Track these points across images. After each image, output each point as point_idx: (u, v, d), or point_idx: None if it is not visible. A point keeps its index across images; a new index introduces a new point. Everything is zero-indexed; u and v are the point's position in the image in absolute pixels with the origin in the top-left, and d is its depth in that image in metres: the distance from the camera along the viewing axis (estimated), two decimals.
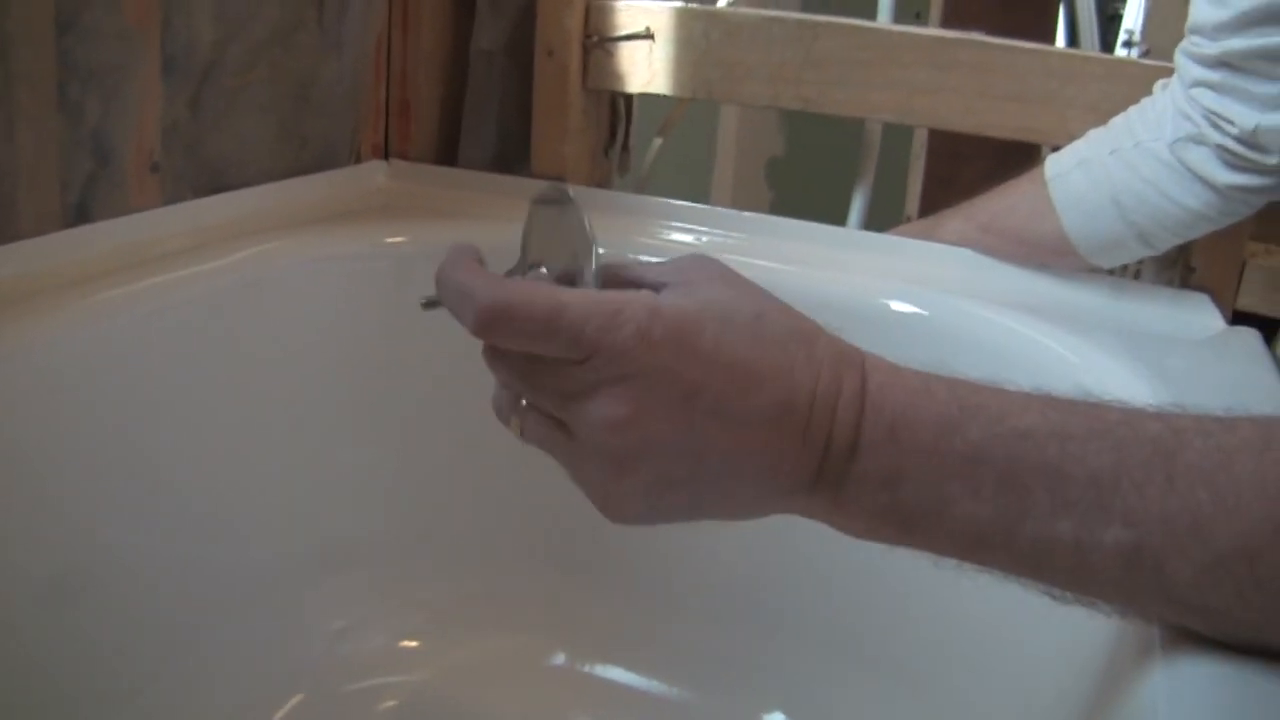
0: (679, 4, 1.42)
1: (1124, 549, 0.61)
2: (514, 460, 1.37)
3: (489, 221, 1.38)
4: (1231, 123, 1.06)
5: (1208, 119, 1.08)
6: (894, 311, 1.24)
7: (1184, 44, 1.11)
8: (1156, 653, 0.63)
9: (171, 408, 1.12)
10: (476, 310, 0.64)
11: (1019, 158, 1.24)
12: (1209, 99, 1.08)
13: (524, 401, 0.69)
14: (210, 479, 1.17)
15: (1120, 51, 1.92)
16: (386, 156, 1.52)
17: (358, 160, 1.48)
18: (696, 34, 1.41)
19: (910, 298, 1.24)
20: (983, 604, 0.96)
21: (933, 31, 1.36)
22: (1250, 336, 1.20)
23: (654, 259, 1.30)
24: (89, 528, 1.03)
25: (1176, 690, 0.60)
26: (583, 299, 0.64)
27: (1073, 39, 2.36)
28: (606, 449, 0.65)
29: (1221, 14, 1.04)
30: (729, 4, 1.53)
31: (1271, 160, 1.06)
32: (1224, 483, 0.59)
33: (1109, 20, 2.44)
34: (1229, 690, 0.59)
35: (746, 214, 1.38)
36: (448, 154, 1.56)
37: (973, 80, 1.31)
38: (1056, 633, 0.83)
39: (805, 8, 2.37)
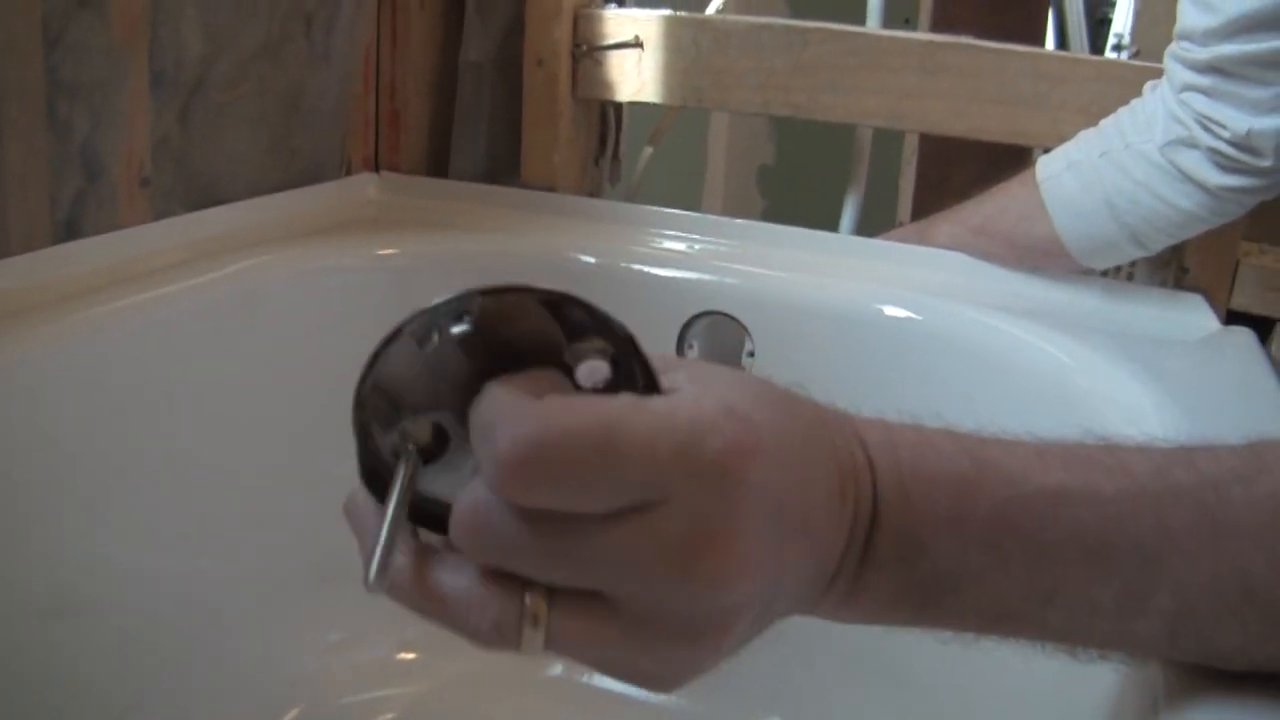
0: (668, 12, 1.42)
1: (1169, 619, 0.55)
2: None
3: (480, 233, 1.38)
4: (1224, 126, 1.06)
5: (1199, 123, 1.08)
6: (887, 316, 1.24)
7: (1173, 48, 1.11)
8: (1159, 684, 0.61)
9: (164, 422, 1.11)
10: (499, 451, 0.46)
11: (1010, 161, 1.24)
12: (1200, 103, 1.08)
13: (527, 601, 0.49)
14: (204, 493, 1.17)
15: (1110, 55, 1.92)
16: (377, 168, 1.52)
17: (348, 172, 1.47)
18: (685, 42, 1.41)
19: (903, 302, 1.24)
20: None
21: (922, 36, 1.36)
22: (1245, 336, 1.21)
23: (646, 268, 1.32)
24: (83, 543, 1.03)
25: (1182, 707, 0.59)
26: (633, 407, 0.47)
27: (1062, 43, 2.37)
28: (707, 616, 0.49)
29: (1211, 20, 1.04)
30: (717, 11, 1.52)
31: (1264, 163, 1.06)
32: (1274, 539, 0.54)
33: (1098, 24, 2.44)
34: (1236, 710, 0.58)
35: (738, 221, 1.38)
36: (438, 165, 1.56)
37: (962, 84, 1.31)
38: None
39: (794, 14, 2.38)
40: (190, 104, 1.21)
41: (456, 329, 0.53)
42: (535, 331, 0.52)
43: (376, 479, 0.55)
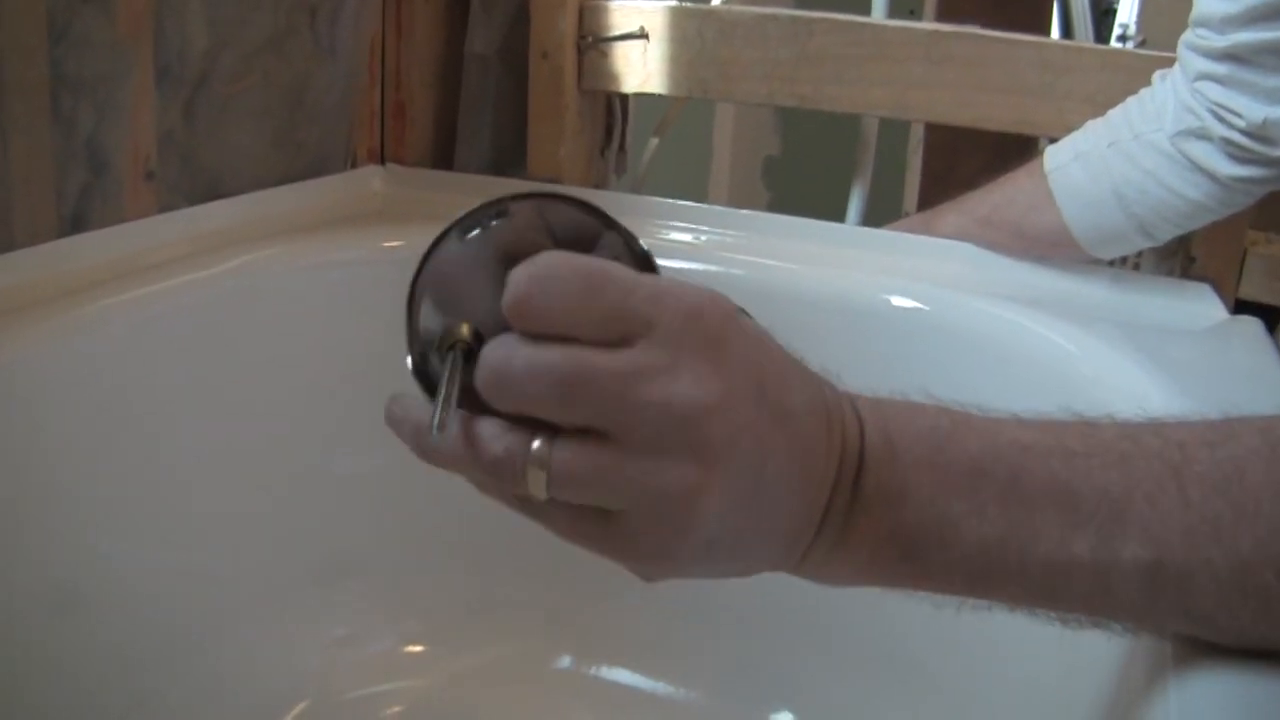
0: (673, 3, 1.42)
1: (1143, 566, 0.57)
2: None
3: None
4: (1239, 115, 1.05)
5: (1212, 112, 1.08)
6: (894, 307, 1.24)
7: (1188, 36, 1.10)
8: (1169, 661, 0.62)
9: (170, 416, 1.12)
10: (512, 280, 0.53)
11: (1016, 152, 1.24)
12: (1215, 92, 1.07)
13: (535, 444, 0.54)
14: (210, 487, 1.17)
15: (1115, 45, 1.92)
16: (383, 161, 1.52)
17: (353, 165, 1.47)
18: (691, 33, 1.40)
19: (910, 293, 1.24)
20: None
21: (927, 26, 1.36)
22: (1252, 325, 1.20)
23: (657, 260, 1.31)
24: (88, 538, 1.03)
25: (1189, 700, 0.59)
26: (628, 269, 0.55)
27: (1067, 34, 2.36)
28: (689, 443, 0.53)
29: (1229, 7, 1.03)
30: (723, 2, 1.52)
31: (1278, 152, 1.06)
32: (1239, 492, 0.57)
33: (1103, 14, 2.44)
34: (1242, 698, 0.58)
35: (744, 212, 1.38)
36: (444, 158, 1.56)
37: (968, 74, 1.30)
38: (1068, 633, 0.83)
39: (799, 4, 2.37)
40: (195, 97, 1.21)
41: (495, 223, 0.59)
42: (566, 228, 0.59)
43: (424, 373, 0.60)
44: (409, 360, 0.60)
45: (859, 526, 0.59)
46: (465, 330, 0.58)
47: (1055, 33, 2.38)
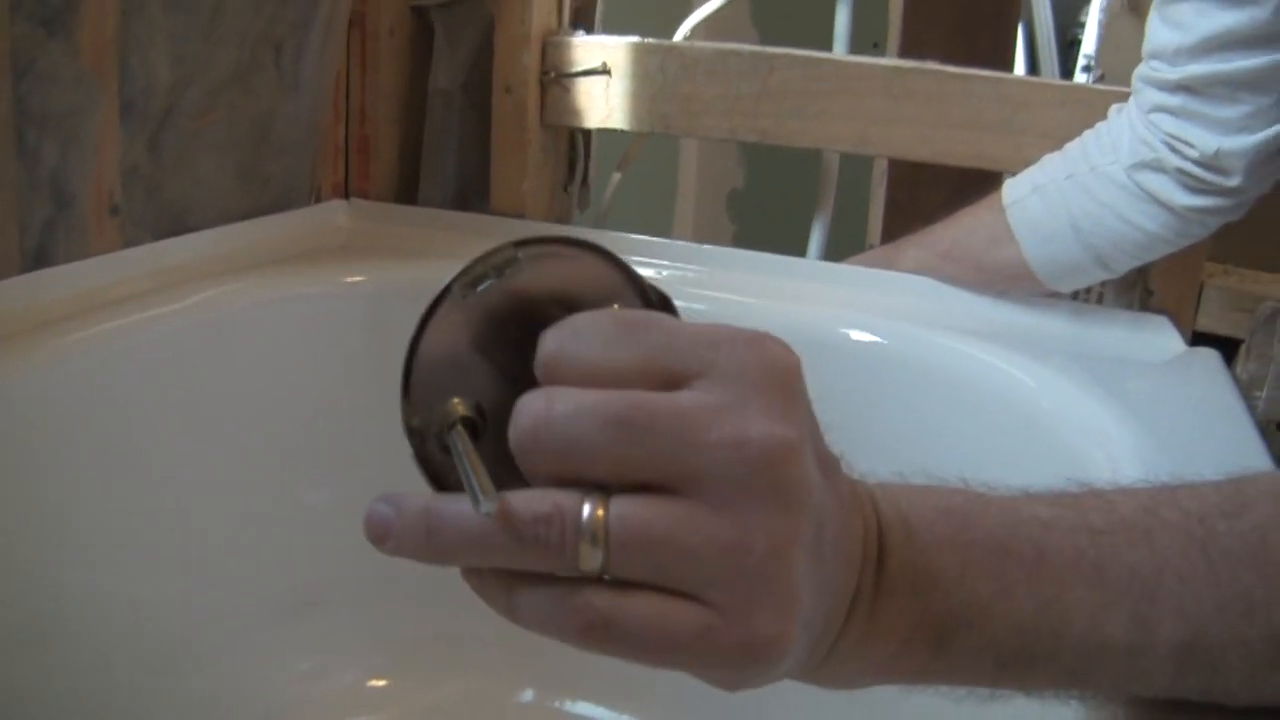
0: (635, 39, 1.43)
1: (1178, 646, 0.54)
2: None
3: (450, 259, 1.37)
4: (1192, 146, 1.06)
5: (1166, 143, 1.09)
6: (853, 341, 1.24)
7: (1142, 69, 1.11)
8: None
9: (134, 451, 1.11)
10: (545, 335, 0.49)
11: (980, 185, 1.25)
12: (1168, 124, 1.08)
13: (585, 509, 0.46)
14: (175, 522, 1.17)
15: (1080, 77, 1.94)
16: (347, 195, 1.52)
17: (318, 199, 1.48)
18: (653, 69, 1.41)
19: (868, 327, 1.25)
20: None
21: (888, 61, 1.37)
22: (1210, 357, 1.21)
23: None
24: (53, 573, 1.03)
25: None
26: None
27: (1033, 65, 2.38)
28: (772, 486, 0.46)
29: (1182, 39, 1.05)
30: (685, 37, 1.53)
31: (1232, 182, 1.07)
32: (1265, 564, 0.55)
33: (1068, 46, 2.45)
34: None
35: (706, 247, 1.38)
36: (408, 192, 1.57)
37: (928, 109, 1.31)
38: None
39: (762, 39, 2.39)
40: (160, 132, 1.21)
41: (498, 280, 0.53)
42: (578, 280, 0.53)
43: (427, 459, 0.54)
44: (410, 446, 0.54)
45: (887, 613, 0.53)
46: (463, 407, 0.52)
47: (1021, 63, 2.39)
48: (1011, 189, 1.21)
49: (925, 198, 1.80)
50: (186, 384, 1.17)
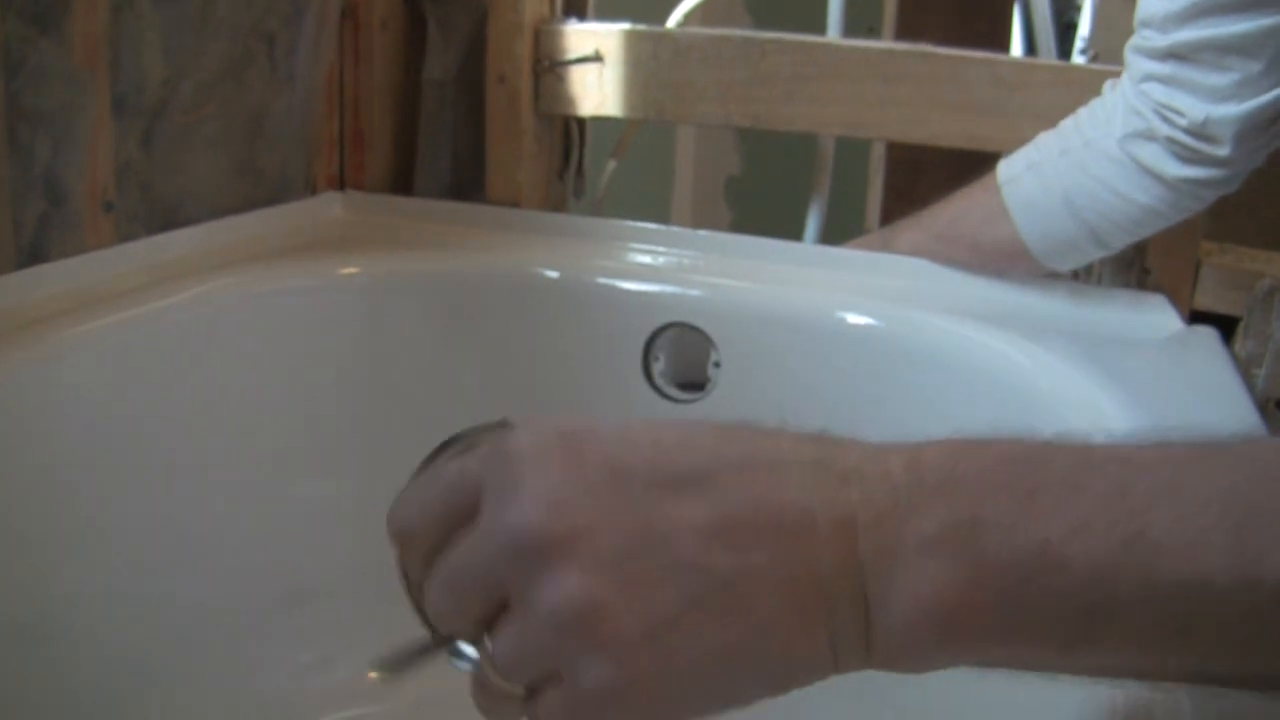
0: (628, 26, 1.43)
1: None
2: None
3: (446, 250, 1.38)
4: (1181, 114, 1.06)
5: (1157, 112, 1.09)
6: (849, 324, 1.24)
7: (1133, 40, 1.11)
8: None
9: (132, 446, 1.12)
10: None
11: (979, 166, 1.25)
12: (1158, 92, 1.08)
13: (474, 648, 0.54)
14: (174, 516, 1.17)
15: (1077, 59, 1.94)
16: (342, 187, 1.52)
17: (313, 192, 1.47)
18: (645, 55, 1.41)
19: (863, 309, 1.25)
20: None
21: (880, 44, 1.37)
22: (1208, 336, 1.21)
23: (610, 281, 1.32)
24: (53, 569, 1.03)
25: None
26: None
27: (1030, 48, 2.38)
28: (545, 551, 0.49)
29: (1170, 6, 1.05)
30: (678, 24, 1.53)
31: (1221, 151, 1.07)
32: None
33: (1065, 28, 2.45)
34: None
35: (701, 232, 1.38)
36: (403, 184, 1.57)
37: (921, 92, 1.32)
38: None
39: (756, 23, 2.38)
40: (153, 127, 1.21)
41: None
42: None
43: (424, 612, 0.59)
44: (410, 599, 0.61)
45: (928, 573, 0.49)
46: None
47: (1018, 45, 2.39)
48: (1006, 167, 1.21)
49: (924, 180, 1.80)
50: (183, 378, 1.17)
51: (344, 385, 1.31)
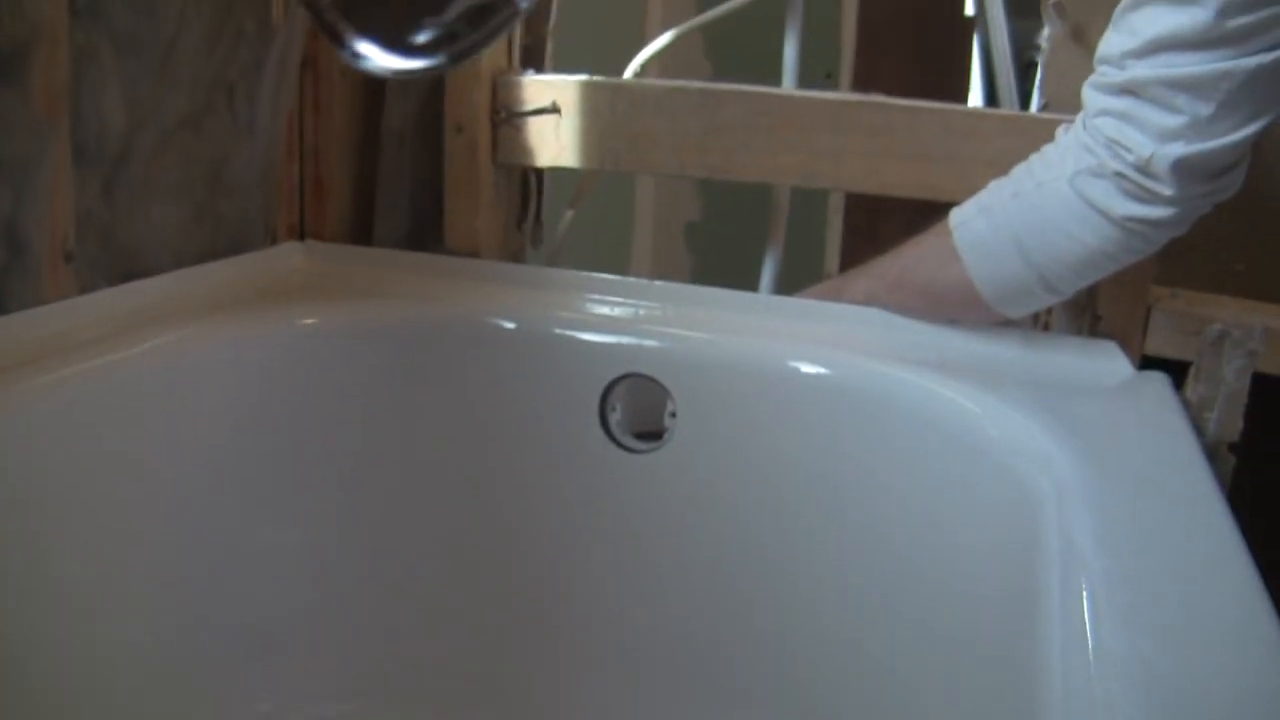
0: (584, 78, 1.44)
1: None
2: (442, 533, 1.38)
3: (405, 299, 1.39)
4: (1129, 150, 1.07)
5: (1108, 148, 1.09)
6: (802, 373, 1.25)
7: (1091, 77, 1.12)
8: None
9: (92, 495, 1.12)
10: None
11: (938, 209, 1.26)
12: (1110, 127, 1.09)
13: None
14: (133, 564, 1.17)
15: (1036, 98, 1.95)
16: (302, 236, 1.53)
17: (273, 241, 1.48)
18: (603, 106, 1.43)
19: (816, 359, 1.25)
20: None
21: (834, 95, 1.38)
22: (1159, 381, 1.22)
23: (567, 332, 1.33)
24: (6, 616, 1.03)
25: None
26: None
27: (990, 87, 2.39)
28: None
29: (1130, 42, 1.06)
30: (636, 73, 1.54)
31: (1166, 190, 1.08)
32: None
33: (1025, 67, 2.47)
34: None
35: (658, 283, 1.39)
36: (363, 233, 1.57)
37: (874, 141, 1.33)
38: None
39: (716, 72, 2.40)
40: (114, 177, 1.22)
41: None
42: None
43: None
44: None
45: None
46: None
47: (977, 86, 2.41)
48: (958, 213, 1.21)
49: (884, 222, 1.81)
50: (144, 429, 1.17)
51: (303, 434, 1.32)
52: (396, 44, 0.77)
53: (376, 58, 0.76)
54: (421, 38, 0.79)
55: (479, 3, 0.81)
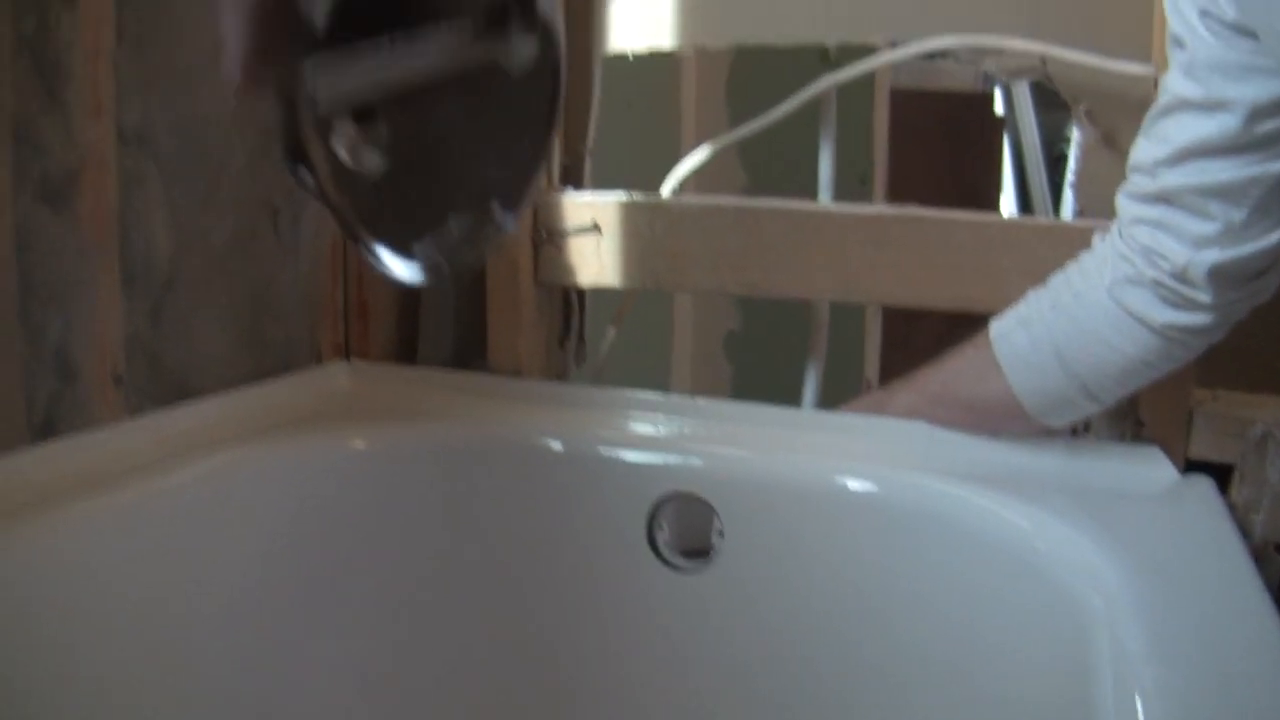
0: (623, 196, 1.45)
1: None
2: (488, 654, 1.38)
3: (450, 420, 1.39)
4: (1165, 258, 1.07)
5: (1144, 256, 1.09)
6: (849, 490, 1.25)
7: (1124, 185, 1.12)
8: None
9: (140, 619, 1.12)
10: None
11: (972, 317, 1.26)
12: (1145, 235, 1.09)
13: None
14: (180, 688, 1.17)
15: (1068, 192, 1.96)
16: (348, 356, 1.54)
17: (319, 361, 1.49)
18: (642, 226, 1.44)
19: (863, 475, 1.25)
20: None
21: (870, 209, 1.38)
22: (1204, 485, 1.21)
23: (613, 451, 1.33)
24: None
25: None
26: None
27: (1021, 183, 2.40)
28: None
29: (1161, 150, 1.06)
30: (675, 189, 1.55)
31: (1202, 298, 1.08)
32: None
33: (1056, 160, 2.47)
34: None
35: (700, 401, 1.39)
36: (407, 352, 1.58)
37: (911, 255, 1.34)
38: None
39: (752, 182, 2.41)
40: (161, 301, 1.23)
41: None
42: None
43: None
44: None
45: None
46: None
47: (1009, 177, 2.41)
48: (997, 324, 1.21)
49: (920, 330, 1.82)
50: (191, 552, 1.17)
51: (351, 556, 1.32)
52: (402, 251, 0.79)
53: (389, 263, 0.78)
54: (421, 250, 0.81)
55: (471, 218, 0.83)
